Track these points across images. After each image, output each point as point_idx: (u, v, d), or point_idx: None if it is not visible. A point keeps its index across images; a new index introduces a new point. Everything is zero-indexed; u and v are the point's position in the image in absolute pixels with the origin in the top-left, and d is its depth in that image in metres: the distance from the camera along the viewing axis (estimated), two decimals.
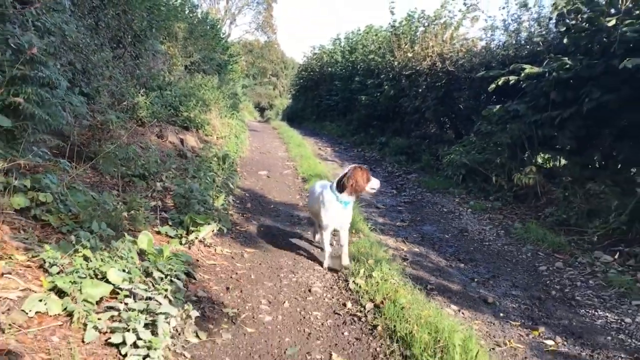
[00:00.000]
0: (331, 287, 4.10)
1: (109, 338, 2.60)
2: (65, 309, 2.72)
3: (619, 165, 6.41)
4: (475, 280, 4.57)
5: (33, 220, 3.70)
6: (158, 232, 4.46)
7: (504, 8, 9.67)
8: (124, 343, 2.55)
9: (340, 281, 4.23)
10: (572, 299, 4.12)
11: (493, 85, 7.27)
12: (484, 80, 8.45)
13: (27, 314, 2.60)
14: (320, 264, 4.63)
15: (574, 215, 5.92)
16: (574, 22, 7.08)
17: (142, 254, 3.63)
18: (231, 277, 4.16)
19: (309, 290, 4.03)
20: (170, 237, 4.48)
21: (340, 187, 4.24)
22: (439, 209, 7.38)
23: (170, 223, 4.68)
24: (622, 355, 3.17)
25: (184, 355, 2.83)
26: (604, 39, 6.59)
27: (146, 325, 2.65)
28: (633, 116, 5.89)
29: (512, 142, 7.53)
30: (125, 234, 3.62)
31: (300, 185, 8.62)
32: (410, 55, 13.64)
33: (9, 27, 4.06)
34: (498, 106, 7.64)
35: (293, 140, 15.27)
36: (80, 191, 4.39)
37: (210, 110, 12.46)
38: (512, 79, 7.19)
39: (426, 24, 14.22)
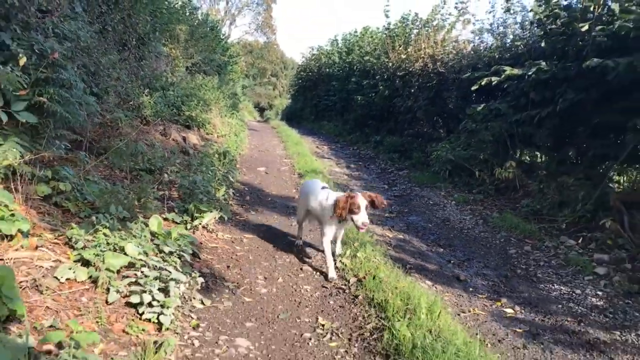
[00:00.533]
0: (320, 267, 4.59)
1: (129, 299, 3.10)
2: (90, 276, 3.21)
3: (591, 161, 6.89)
4: (451, 262, 5.07)
5: (54, 207, 4.19)
6: (165, 219, 4.95)
7: (490, 12, 10.17)
8: (141, 303, 3.05)
9: None
10: (534, 276, 4.62)
11: (476, 86, 7.76)
12: (470, 81, 8.91)
13: (59, 280, 3.09)
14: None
15: (546, 205, 6.42)
16: (553, 26, 7.57)
17: (152, 235, 4.12)
18: (231, 258, 4.66)
19: (301, 269, 4.53)
20: (177, 222, 4.97)
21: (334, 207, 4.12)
22: (425, 202, 7.88)
23: (176, 211, 5.17)
24: (569, 319, 3.68)
25: (191, 317, 3.32)
26: (579, 42, 7.09)
27: (159, 289, 3.14)
28: (602, 116, 6.38)
29: (494, 139, 8.04)
30: (140, 216, 4.12)
31: (296, 180, 9.11)
32: (403, 56, 14.15)
33: (33, 34, 4.56)
34: (482, 105, 8.13)
35: (291, 139, 15.76)
36: (95, 182, 4.90)
37: (211, 110, 12.96)
38: (495, 79, 7.68)
39: (419, 27, 14.73)
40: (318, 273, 4.44)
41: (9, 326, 2.40)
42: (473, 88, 7.90)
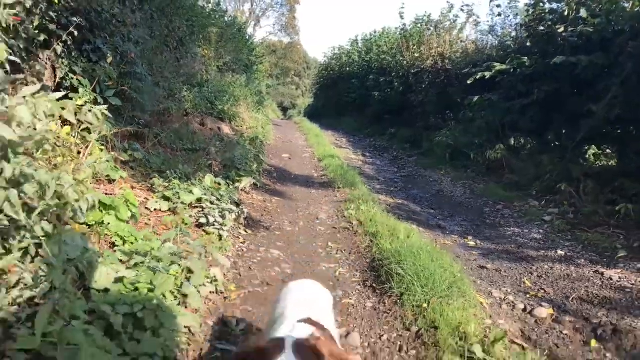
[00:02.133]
0: (332, 216, 5.98)
1: (199, 222, 4.52)
2: (169, 208, 4.65)
3: (565, 143, 8.11)
4: (437, 217, 6.39)
5: (131, 170, 5.66)
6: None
7: (489, 14, 11.39)
8: (207, 224, 4.47)
9: (339, 213, 6.11)
10: (498, 224, 5.93)
11: (471, 80, 9.04)
12: (470, 76, 10.20)
13: (150, 209, 4.54)
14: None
15: (524, 178, 7.68)
16: (540, 28, 8.79)
17: (206, 188, 5.55)
18: (264, 210, 6.08)
19: (317, 217, 5.93)
20: (220, 184, 6.41)
21: None
22: (426, 180, 9.19)
23: (220, 176, 6.61)
24: (513, 246, 4.99)
25: (239, 237, 4.75)
26: (559, 41, 8.31)
27: (219, 215, 4.56)
28: (572, 105, 7.59)
29: (487, 127, 9.30)
30: (197, 176, 5.57)
31: (316, 163, 10.52)
32: (417, 55, 15.42)
33: (116, 39, 6.04)
34: (477, 97, 9.39)
35: (312, 132, 17.17)
36: (157, 155, 6.37)
37: (240, 105, 14.45)
38: (487, 74, 8.93)
39: (432, 27, 15.98)
40: (329, 221, 5.82)
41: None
42: (469, 82, 9.17)
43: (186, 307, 2.82)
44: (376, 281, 3.89)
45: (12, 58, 3.19)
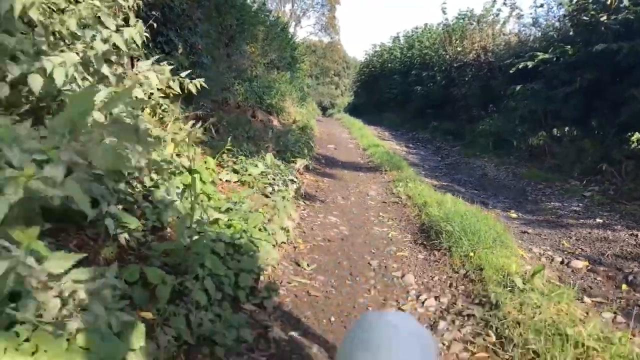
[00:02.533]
0: (381, 193, 6.45)
1: (264, 191, 5.08)
2: (238, 180, 5.23)
3: (608, 130, 8.29)
4: (481, 196, 6.75)
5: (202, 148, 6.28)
6: None
7: (531, 7, 11.59)
8: (272, 192, 5.03)
9: (387, 190, 6.58)
10: (539, 200, 6.26)
11: (513, 70, 9.31)
12: (512, 66, 10.45)
13: (222, 180, 5.13)
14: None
15: (566, 162, 7.92)
16: (584, 18, 8.98)
17: (268, 166, 6.12)
18: (317, 188, 6.61)
19: (367, 194, 6.41)
20: (279, 164, 6.98)
21: None
22: (470, 166, 9.52)
23: (277, 158, 7.18)
24: (552, 217, 5.33)
25: (300, 206, 5.28)
26: (602, 30, 8.50)
27: (282, 184, 5.11)
28: (612, 93, 7.78)
29: (529, 115, 9.54)
30: (261, 151, 6.16)
31: (361, 152, 11.01)
32: (459, 49, 15.66)
33: (186, 32, 6.70)
34: (519, 86, 9.64)
35: (355, 126, 17.66)
36: (221, 139, 6.99)
37: (285, 100, 15.09)
38: (529, 64, 9.19)
39: (474, 22, 16.18)
40: (379, 197, 6.29)
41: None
42: (511, 71, 9.45)
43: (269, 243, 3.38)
44: (426, 240, 4.35)
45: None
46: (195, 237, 2.54)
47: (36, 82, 2.23)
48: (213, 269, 2.53)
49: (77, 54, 2.43)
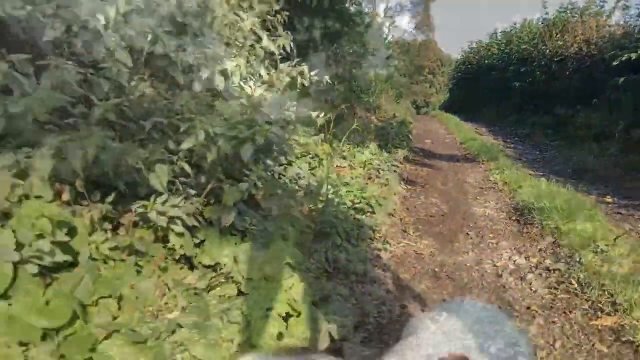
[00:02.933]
0: (478, 180, 6.90)
1: (369, 175, 5.78)
2: (346, 165, 5.98)
3: None
4: (578, 185, 6.93)
5: None
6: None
7: None
8: (377, 176, 5.71)
9: (484, 178, 7.01)
10: (638, 187, 6.36)
11: (616, 61, 9.22)
12: (616, 58, 10.25)
13: (335, 164, 5.90)
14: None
15: None
16: None
17: (372, 154, 6.82)
18: (417, 175, 7.19)
19: (465, 181, 6.89)
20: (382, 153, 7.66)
21: None
22: (569, 158, 9.55)
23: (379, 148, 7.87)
24: None
25: (403, 189, 5.92)
26: None
27: (386, 169, 5.78)
28: None
29: (633, 107, 9.37)
30: (365, 141, 6.89)
31: (458, 146, 11.38)
32: (560, 43, 15.33)
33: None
34: (622, 78, 9.49)
35: (451, 122, 17.88)
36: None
37: (382, 98, 15.73)
38: (634, 55, 9.05)
39: (577, 15, 15.73)
40: (476, 183, 6.75)
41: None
42: (614, 63, 9.35)
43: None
44: (519, 217, 4.81)
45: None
46: (326, 199, 3.30)
47: (219, 81, 3.11)
48: (342, 222, 3.28)
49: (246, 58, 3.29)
